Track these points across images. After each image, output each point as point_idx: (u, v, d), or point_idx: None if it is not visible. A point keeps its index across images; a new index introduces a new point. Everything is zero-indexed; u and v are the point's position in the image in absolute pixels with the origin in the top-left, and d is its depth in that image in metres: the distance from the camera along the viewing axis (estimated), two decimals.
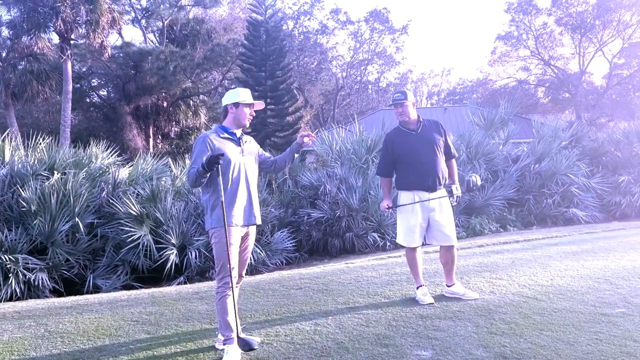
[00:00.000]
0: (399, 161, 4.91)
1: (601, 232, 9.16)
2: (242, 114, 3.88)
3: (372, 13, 43.19)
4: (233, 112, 3.88)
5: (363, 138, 11.90)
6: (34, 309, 5.18)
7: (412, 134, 4.89)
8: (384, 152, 5.03)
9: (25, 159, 8.49)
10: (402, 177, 4.91)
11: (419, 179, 4.79)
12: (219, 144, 3.76)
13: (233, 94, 3.92)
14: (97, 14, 22.78)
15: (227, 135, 3.86)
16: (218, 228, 3.69)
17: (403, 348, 3.75)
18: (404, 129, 4.95)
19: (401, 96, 4.90)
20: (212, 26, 33.53)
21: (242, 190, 3.82)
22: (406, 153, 4.84)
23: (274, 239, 9.20)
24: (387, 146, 4.99)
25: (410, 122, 4.91)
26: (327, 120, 40.93)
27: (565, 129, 14.36)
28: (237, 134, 3.91)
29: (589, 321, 4.18)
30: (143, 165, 9.39)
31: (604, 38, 34.13)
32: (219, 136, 3.83)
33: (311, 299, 5.08)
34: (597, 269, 5.93)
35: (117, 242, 8.03)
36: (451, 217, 4.91)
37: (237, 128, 3.91)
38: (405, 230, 4.88)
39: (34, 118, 31.26)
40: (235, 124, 3.89)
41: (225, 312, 3.72)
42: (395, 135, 4.97)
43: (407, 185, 4.86)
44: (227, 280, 3.71)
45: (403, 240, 4.94)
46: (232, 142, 3.85)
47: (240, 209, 3.80)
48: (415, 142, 4.84)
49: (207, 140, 3.76)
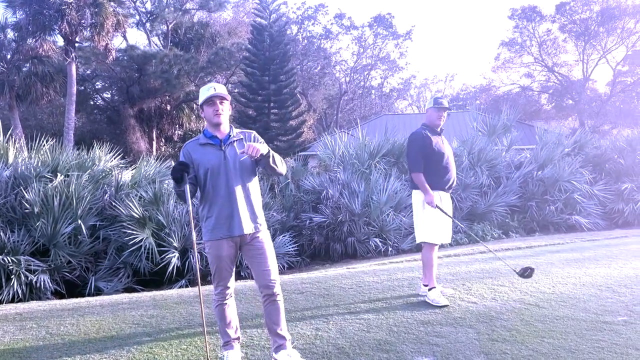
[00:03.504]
0: (432, 159, 5.03)
1: (604, 239, 9.13)
2: (208, 114, 3.57)
3: (376, 18, 43.29)
4: (203, 115, 3.64)
5: (366, 143, 11.90)
6: (35, 311, 5.19)
7: (438, 137, 5.15)
8: (417, 148, 5.06)
9: (29, 160, 8.50)
10: (430, 175, 5.01)
11: (444, 180, 5.07)
12: (196, 153, 3.54)
13: (200, 96, 3.64)
14: (102, 17, 22.90)
15: (206, 140, 3.58)
16: (209, 241, 3.56)
17: (404, 354, 3.74)
18: (432, 132, 5.13)
19: (446, 102, 5.20)
20: (217, 30, 33.68)
21: (225, 199, 3.50)
22: (437, 154, 5.04)
23: (275, 243, 9.19)
24: (420, 143, 5.05)
25: (438, 128, 5.18)
26: (330, 124, 40.97)
27: (569, 136, 14.33)
28: (220, 135, 3.59)
29: (590, 329, 4.16)
30: (146, 168, 9.40)
31: (607, 45, 34.17)
32: (199, 144, 3.59)
33: (312, 303, 5.08)
34: (600, 276, 5.92)
35: (119, 244, 8.04)
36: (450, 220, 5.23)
37: (215, 129, 3.59)
38: (437, 227, 5.00)
39: (38, 120, 31.37)
40: (210, 125, 3.60)
41: (223, 320, 3.65)
42: (427, 135, 5.08)
43: (437, 184, 5.03)
44: (222, 290, 3.61)
45: (434, 238, 5.01)
46: (213, 147, 3.56)
47: (224, 220, 3.50)
48: (442, 145, 5.12)
49: (184, 151, 3.59)
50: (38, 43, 23.89)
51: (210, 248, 3.55)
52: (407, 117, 32.67)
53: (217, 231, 3.51)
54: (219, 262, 3.55)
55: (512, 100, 34.21)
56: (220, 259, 3.54)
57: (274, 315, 3.60)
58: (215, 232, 3.52)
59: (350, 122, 36.39)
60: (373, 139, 12.13)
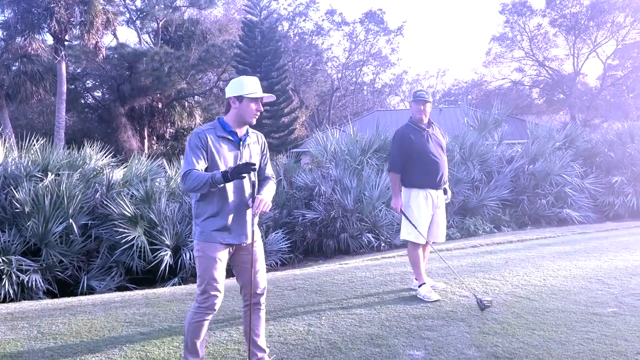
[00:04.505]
0: (413, 158, 4.93)
1: (594, 232, 9.20)
2: (247, 110, 3.21)
3: (367, 14, 43.33)
4: (236, 107, 3.22)
5: (357, 139, 11.91)
6: (27, 311, 5.17)
7: (424, 132, 5.00)
8: (399, 147, 4.98)
9: (19, 160, 8.45)
10: (414, 174, 4.94)
11: (431, 177, 4.95)
12: (214, 143, 3.16)
13: (236, 84, 3.24)
14: (91, 14, 22.75)
15: (225, 134, 3.22)
16: (203, 242, 3.20)
17: (396, 348, 3.76)
18: (416, 127, 5.02)
19: (426, 95, 5.04)
20: (207, 27, 33.56)
21: (236, 203, 3.21)
22: (421, 151, 4.92)
23: (268, 240, 9.19)
24: (402, 142, 4.97)
25: (423, 121, 5.04)
26: (323, 121, 40.95)
27: (560, 130, 14.41)
28: (239, 133, 3.27)
29: (580, 321, 4.20)
30: (137, 166, 9.36)
31: (598, 39, 34.38)
32: (216, 135, 3.19)
33: (305, 299, 5.09)
34: (590, 269, 5.97)
35: (111, 243, 8.01)
36: (445, 218, 5.16)
37: (240, 126, 3.26)
38: (419, 227, 4.94)
39: (28, 119, 31.19)
40: (238, 121, 3.24)
41: (197, 334, 3.24)
42: (410, 132, 4.98)
43: (420, 183, 4.95)
44: (212, 303, 3.20)
45: (414, 237, 4.98)
46: (230, 143, 3.23)
47: (233, 225, 3.21)
48: (428, 141, 4.98)
49: (201, 137, 3.14)
50: (27, 42, 23.73)
51: (208, 250, 3.18)
52: (399, 112, 32.73)
53: (223, 235, 3.19)
54: (214, 266, 3.17)
55: (503, 94, 34.37)
56: (216, 263, 3.18)
57: (256, 326, 3.40)
58: (220, 235, 3.19)
59: (342, 119, 36.40)
60: (364, 135, 12.15)
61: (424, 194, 4.94)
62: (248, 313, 3.37)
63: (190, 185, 3.00)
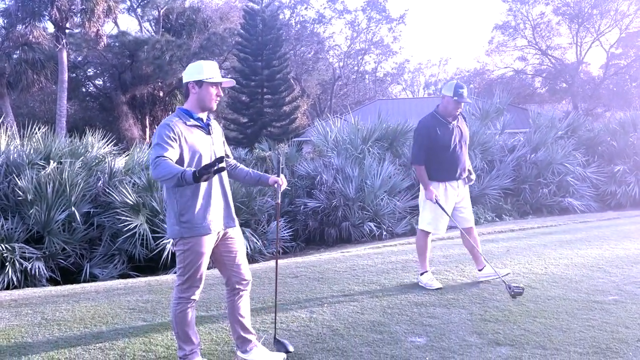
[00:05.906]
0: (436, 151, 4.87)
1: (596, 221, 9.21)
2: (207, 95, 3.15)
3: (369, 2, 43.00)
4: (195, 92, 3.15)
5: (359, 128, 11.89)
6: (30, 297, 5.20)
7: (450, 126, 4.93)
8: (423, 139, 4.90)
9: (21, 148, 8.47)
10: (437, 167, 4.90)
11: (450, 172, 4.94)
12: (187, 133, 3.08)
13: (195, 69, 3.17)
14: (92, 2, 22.66)
15: (193, 121, 3.15)
16: (190, 238, 3.10)
17: (397, 335, 3.78)
18: (443, 120, 4.93)
19: (468, 95, 4.95)
20: (209, 15, 33.44)
21: (216, 189, 3.20)
22: (447, 144, 4.87)
23: (270, 229, 9.22)
24: (427, 134, 4.88)
25: (451, 117, 4.95)
26: (324, 110, 40.88)
27: (562, 119, 14.36)
28: (204, 118, 3.23)
29: (581, 308, 4.22)
30: (139, 154, 9.38)
31: (601, 28, 34.09)
32: (185, 123, 3.11)
33: (307, 287, 5.11)
34: (591, 257, 5.98)
35: (114, 231, 8.04)
36: (470, 202, 5.16)
37: (202, 111, 3.20)
38: (435, 218, 4.94)
39: (30, 108, 31.18)
40: (200, 106, 3.17)
41: (185, 323, 3.20)
42: (437, 125, 4.90)
43: (442, 176, 4.92)
44: (192, 293, 3.19)
45: (432, 228, 4.98)
46: (201, 130, 3.18)
47: (216, 212, 3.17)
48: (454, 135, 4.93)
49: (172, 128, 3.02)
50: (28, 30, 23.67)
51: (196, 245, 3.11)
52: (401, 101, 32.66)
53: (207, 225, 3.12)
54: (200, 259, 3.14)
55: (505, 83, 34.18)
56: (202, 256, 3.14)
57: (244, 310, 3.37)
58: (204, 226, 3.11)
59: (344, 107, 36.30)
60: (366, 124, 12.13)
61: (443, 186, 4.92)
62: (232, 300, 3.37)
63: (159, 172, 2.82)
